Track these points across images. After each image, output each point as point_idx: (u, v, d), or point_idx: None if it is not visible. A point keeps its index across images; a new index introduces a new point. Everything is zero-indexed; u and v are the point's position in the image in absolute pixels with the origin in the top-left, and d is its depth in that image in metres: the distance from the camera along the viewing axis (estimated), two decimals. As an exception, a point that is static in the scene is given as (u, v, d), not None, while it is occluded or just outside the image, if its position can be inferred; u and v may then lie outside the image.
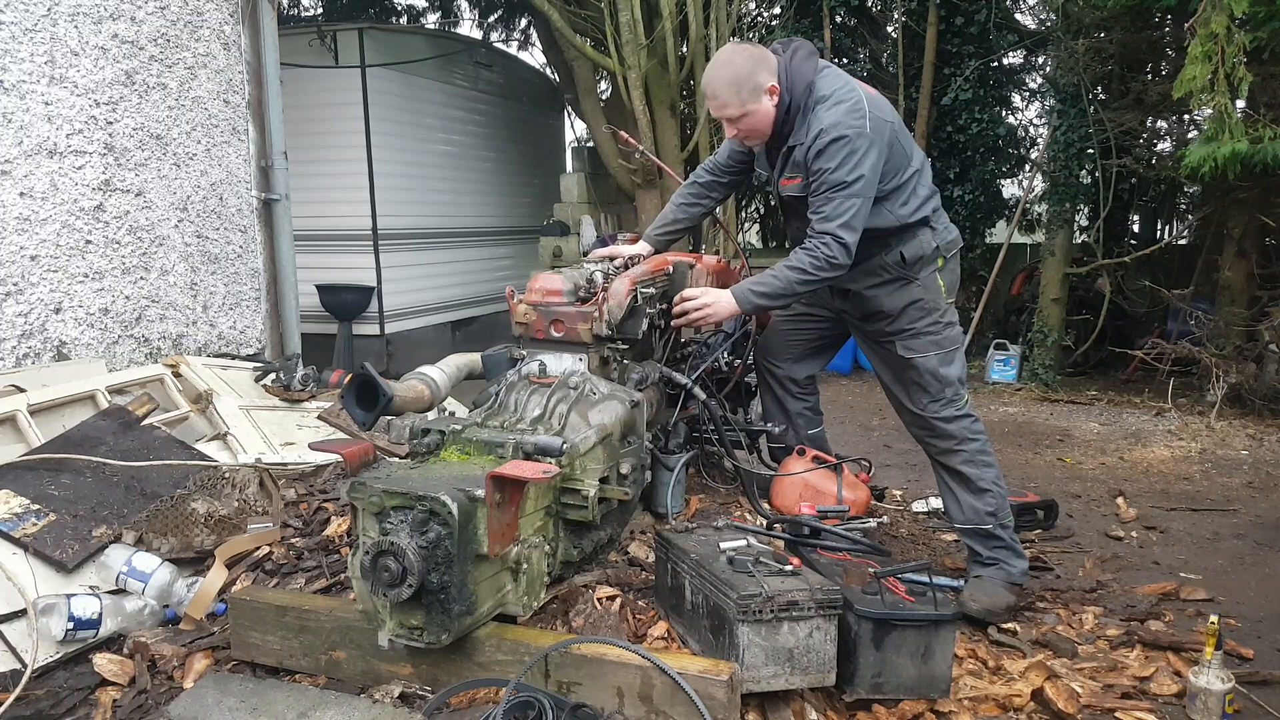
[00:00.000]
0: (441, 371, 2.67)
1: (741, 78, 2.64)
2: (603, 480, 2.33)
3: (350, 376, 2.42)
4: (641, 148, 4.47)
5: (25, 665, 2.39)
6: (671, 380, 2.98)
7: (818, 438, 3.31)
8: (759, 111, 2.69)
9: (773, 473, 3.20)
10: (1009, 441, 5.95)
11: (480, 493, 1.90)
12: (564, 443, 2.16)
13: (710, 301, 2.82)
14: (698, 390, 3.00)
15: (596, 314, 2.59)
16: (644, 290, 2.78)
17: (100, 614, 2.52)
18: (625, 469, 2.44)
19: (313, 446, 2.35)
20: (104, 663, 2.43)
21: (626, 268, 2.96)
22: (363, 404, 2.40)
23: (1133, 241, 9.75)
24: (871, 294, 2.90)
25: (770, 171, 2.94)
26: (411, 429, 2.32)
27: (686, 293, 2.87)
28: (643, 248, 3.14)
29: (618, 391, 2.53)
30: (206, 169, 4.67)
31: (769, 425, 3.31)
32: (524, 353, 2.67)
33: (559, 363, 2.61)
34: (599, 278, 2.75)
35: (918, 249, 2.82)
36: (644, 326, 2.72)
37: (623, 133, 4.38)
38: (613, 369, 2.71)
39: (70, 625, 2.47)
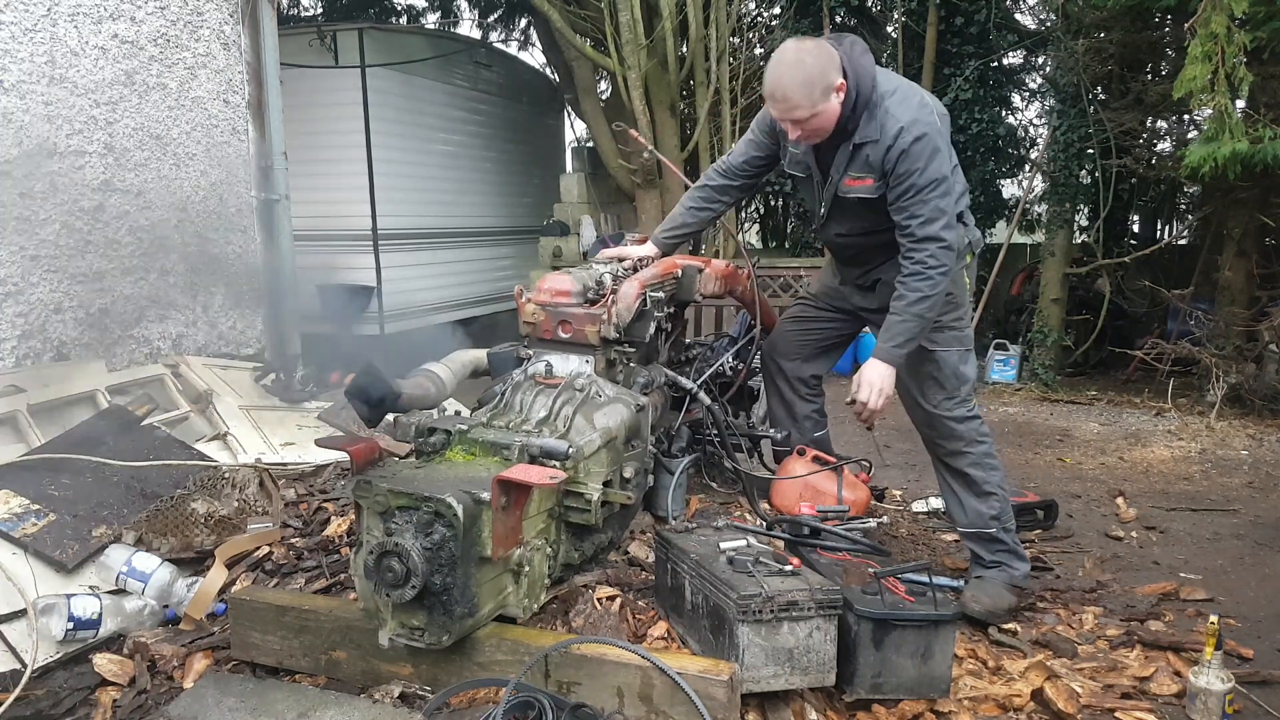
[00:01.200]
0: (447, 368, 2.67)
1: (814, 78, 2.51)
2: (606, 484, 2.33)
3: (356, 373, 2.41)
4: (650, 148, 4.47)
5: (25, 665, 2.39)
6: (676, 384, 2.98)
7: (822, 440, 3.30)
8: (827, 111, 2.57)
9: (773, 476, 3.20)
10: (1009, 441, 5.95)
11: (486, 495, 1.90)
12: (569, 447, 2.15)
13: (874, 387, 2.67)
14: (703, 395, 2.99)
15: (605, 316, 2.58)
16: (653, 294, 2.76)
17: (100, 614, 2.52)
18: (628, 473, 2.44)
19: (319, 443, 2.34)
20: (104, 663, 2.42)
21: (635, 270, 2.95)
22: (368, 401, 2.39)
23: (1133, 241, 9.76)
24: None
25: (812, 173, 2.83)
26: (417, 427, 2.31)
27: (859, 395, 2.70)
28: (650, 249, 3.11)
29: (623, 395, 2.53)
30: (206, 169, 4.67)
31: (773, 432, 3.30)
32: (530, 352, 2.66)
33: (565, 364, 2.60)
34: (608, 280, 2.73)
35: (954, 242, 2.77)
36: (651, 330, 2.71)
37: (633, 131, 4.35)
38: (618, 372, 2.70)
39: (70, 625, 2.46)
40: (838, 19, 9.47)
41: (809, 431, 3.28)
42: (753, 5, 10.18)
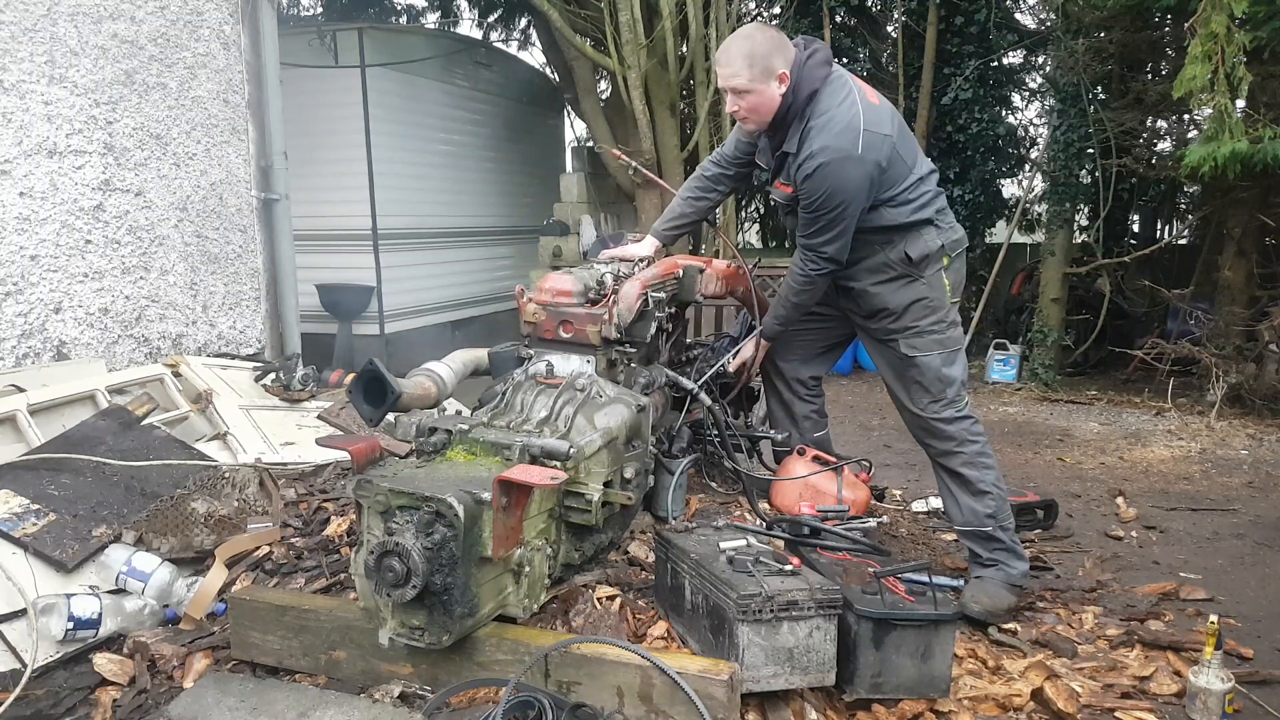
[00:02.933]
0: (448, 368, 2.66)
1: (757, 54, 2.65)
2: (606, 484, 2.33)
3: (357, 373, 2.41)
4: (635, 164, 4.46)
5: (25, 665, 2.38)
6: (677, 384, 2.98)
7: (823, 440, 3.31)
8: (765, 93, 2.69)
9: (774, 476, 3.20)
10: (1009, 441, 5.95)
11: (486, 495, 1.89)
12: (570, 447, 2.15)
13: (743, 356, 3.20)
14: (703, 395, 3.00)
15: (606, 316, 2.58)
16: (654, 294, 2.76)
17: (100, 614, 2.52)
18: (629, 473, 2.44)
19: (320, 442, 2.34)
20: (104, 662, 2.42)
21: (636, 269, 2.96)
22: (370, 400, 2.39)
23: (1132, 241, 9.76)
24: (876, 291, 2.90)
25: (768, 171, 2.97)
26: (418, 427, 2.31)
27: (732, 367, 3.22)
28: (650, 243, 3.13)
29: (624, 395, 2.53)
30: (206, 169, 4.67)
31: (774, 433, 3.31)
32: (531, 352, 2.66)
33: (566, 364, 2.60)
34: (609, 280, 2.74)
35: (923, 247, 2.82)
36: (652, 330, 2.71)
37: (614, 150, 4.36)
38: (619, 372, 2.70)
39: (70, 625, 2.46)
40: (838, 18, 9.47)
41: (809, 432, 3.28)
42: (753, 5, 10.18)
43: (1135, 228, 10.76)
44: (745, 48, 2.67)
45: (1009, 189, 10.51)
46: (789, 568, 2.12)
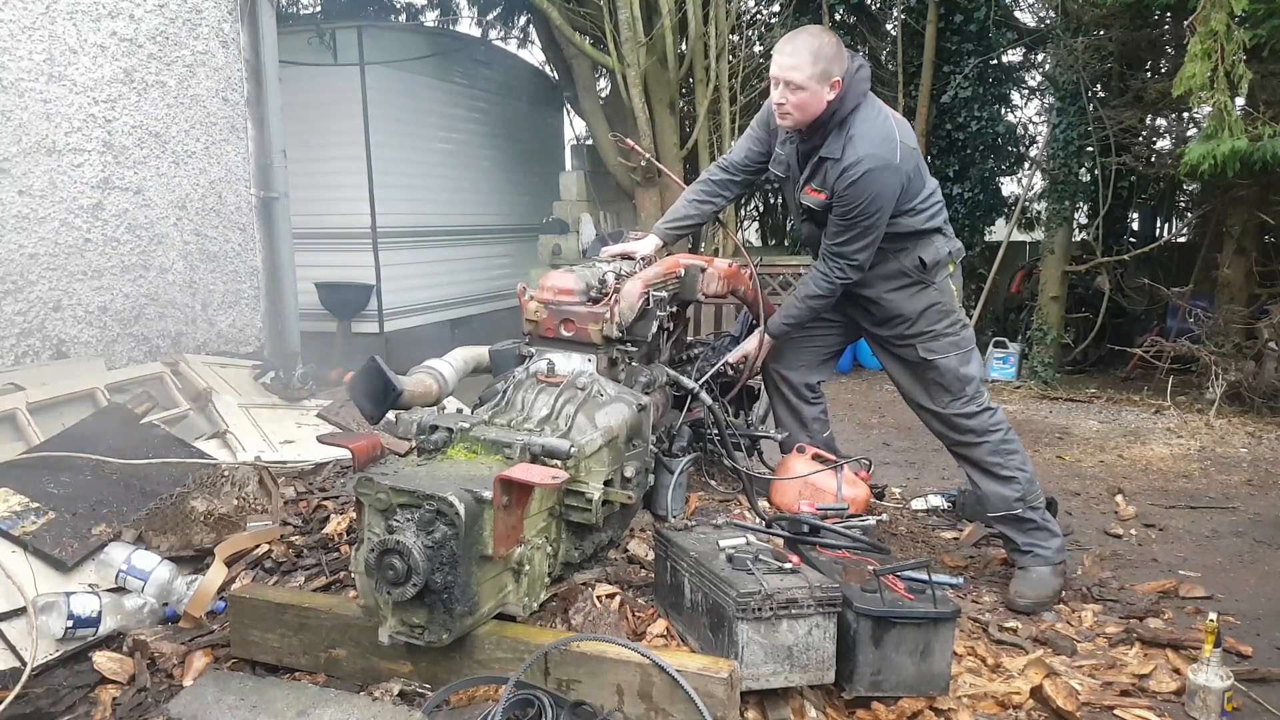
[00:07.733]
0: (449, 365, 2.66)
1: (823, 56, 2.67)
2: (607, 483, 2.33)
3: (358, 369, 2.41)
4: (647, 155, 4.46)
5: (25, 663, 2.38)
6: (678, 383, 2.98)
7: (830, 440, 3.36)
8: (816, 95, 2.72)
9: (773, 476, 3.20)
10: (1008, 439, 5.95)
11: (487, 494, 1.89)
12: (571, 446, 2.15)
13: (744, 349, 3.17)
14: (704, 394, 3.00)
15: (608, 315, 2.58)
16: (656, 293, 2.76)
17: (100, 612, 2.52)
18: (629, 472, 2.44)
19: (321, 439, 2.33)
20: (104, 661, 2.42)
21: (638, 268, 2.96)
22: (371, 397, 2.38)
23: (1132, 239, 9.75)
24: (891, 298, 2.99)
25: (791, 174, 2.98)
26: (419, 424, 2.30)
27: (732, 359, 3.18)
28: (652, 242, 3.15)
29: (625, 394, 2.52)
30: (205, 167, 4.66)
31: (774, 433, 3.34)
32: (533, 350, 2.66)
33: (567, 362, 2.60)
34: (611, 278, 2.74)
35: (935, 254, 2.93)
36: (654, 329, 2.71)
37: (628, 140, 4.36)
38: (620, 370, 2.70)
39: (70, 623, 2.46)
40: (837, 16, 9.45)
41: (818, 433, 3.31)
42: (752, 2, 10.18)
43: (1134, 226, 10.75)
44: (813, 45, 2.69)
45: (1008, 187, 10.51)
46: (788, 566, 2.12)
